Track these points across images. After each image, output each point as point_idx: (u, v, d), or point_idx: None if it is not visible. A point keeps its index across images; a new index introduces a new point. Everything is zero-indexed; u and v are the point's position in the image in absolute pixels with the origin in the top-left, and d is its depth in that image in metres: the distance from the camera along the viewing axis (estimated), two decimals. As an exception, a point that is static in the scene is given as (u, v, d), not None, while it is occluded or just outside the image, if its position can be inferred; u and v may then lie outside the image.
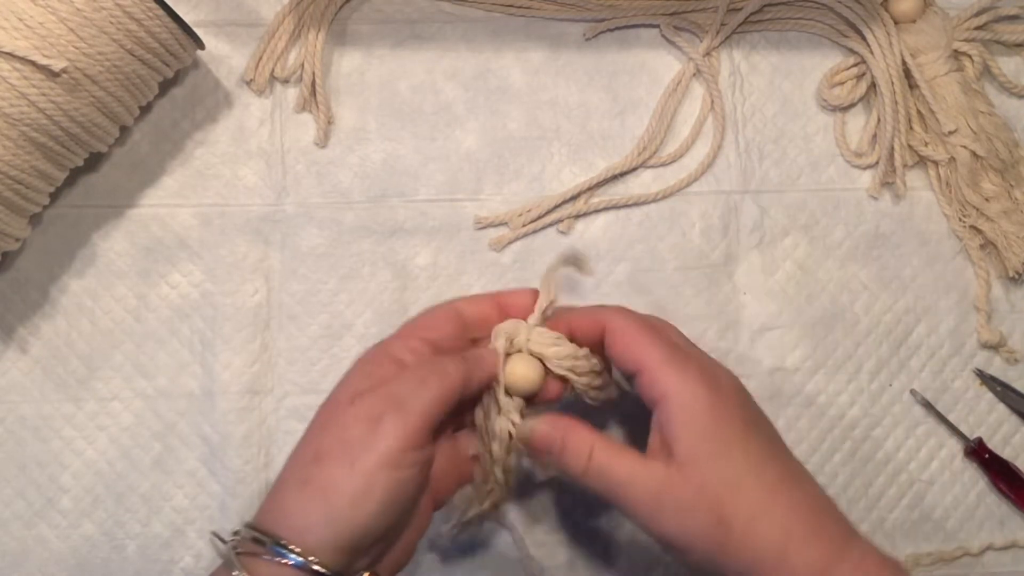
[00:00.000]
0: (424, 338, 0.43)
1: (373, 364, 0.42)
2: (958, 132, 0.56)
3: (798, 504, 0.40)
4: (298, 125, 0.57)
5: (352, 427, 0.39)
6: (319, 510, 0.38)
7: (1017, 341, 0.57)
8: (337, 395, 0.42)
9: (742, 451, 0.40)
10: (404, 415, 0.39)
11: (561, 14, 0.58)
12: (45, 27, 0.45)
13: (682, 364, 0.41)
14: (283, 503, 0.39)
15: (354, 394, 0.41)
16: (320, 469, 0.39)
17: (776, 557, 0.39)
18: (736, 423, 0.41)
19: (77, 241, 0.54)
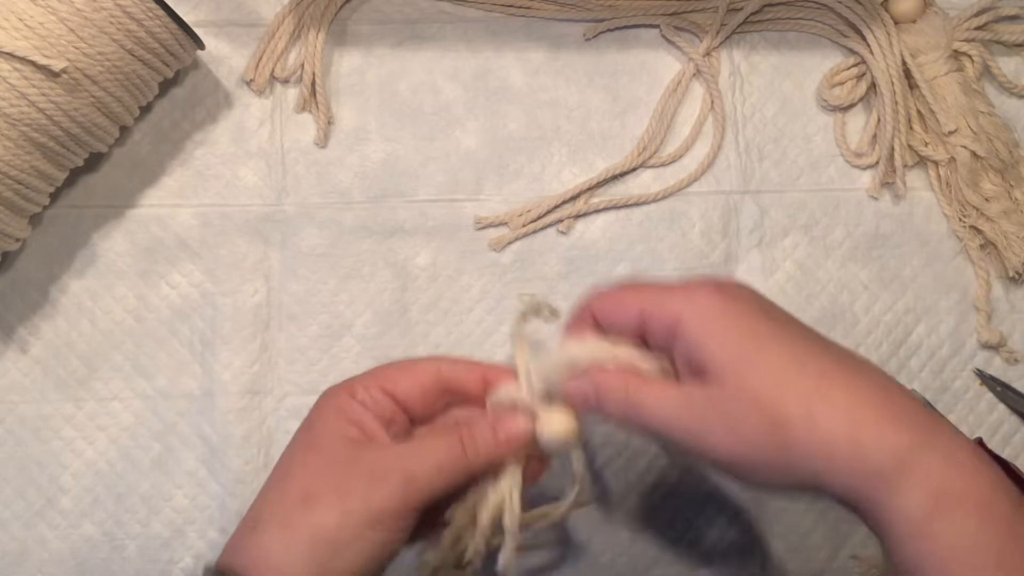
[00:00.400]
0: (390, 392, 0.41)
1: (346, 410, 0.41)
2: (958, 132, 0.56)
3: (860, 387, 0.35)
4: (298, 125, 0.57)
5: (352, 479, 0.38)
6: (302, 556, 0.37)
7: (1017, 341, 0.57)
8: (320, 439, 0.40)
9: (776, 344, 0.36)
10: (409, 486, 0.38)
11: (561, 14, 0.58)
12: (45, 27, 0.45)
13: (684, 287, 0.38)
14: (261, 544, 0.38)
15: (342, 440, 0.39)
16: (309, 513, 0.38)
17: (848, 448, 0.34)
18: (762, 320, 0.37)
19: (77, 241, 0.55)
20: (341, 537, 0.37)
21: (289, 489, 0.39)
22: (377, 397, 0.41)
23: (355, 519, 0.37)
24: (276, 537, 0.38)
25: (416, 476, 0.39)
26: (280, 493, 0.39)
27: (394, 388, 0.41)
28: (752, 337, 0.36)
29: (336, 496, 0.38)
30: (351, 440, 0.39)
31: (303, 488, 0.38)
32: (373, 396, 0.41)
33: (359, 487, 0.38)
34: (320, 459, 0.39)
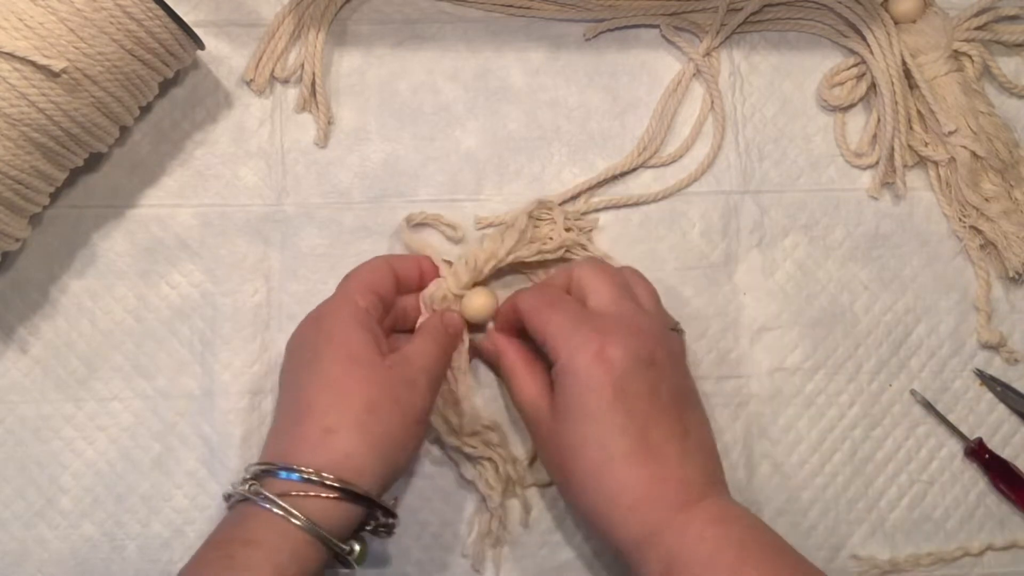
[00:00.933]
0: (377, 293, 0.49)
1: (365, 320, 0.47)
2: (958, 132, 0.56)
3: (634, 478, 0.44)
4: (298, 125, 0.57)
5: (398, 387, 0.46)
6: (378, 455, 0.44)
7: (1017, 341, 0.57)
8: (359, 351, 0.46)
9: (596, 422, 0.45)
10: (433, 381, 0.48)
11: (561, 14, 0.58)
12: (45, 27, 0.45)
13: (570, 335, 0.46)
14: (342, 447, 0.43)
15: (375, 351, 0.46)
16: (377, 419, 0.44)
17: (603, 524, 0.45)
18: (605, 394, 0.45)
19: (77, 241, 0.54)
20: (402, 437, 0.45)
21: (351, 397, 0.45)
22: (374, 301, 0.48)
23: (409, 420, 0.46)
24: (355, 442, 0.44)
25: (433, 372, 0.48)
26: (343, 401, 0.45)
27: (380, 289, 0.49)
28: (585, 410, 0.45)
29: (392, 403, 0.45)
30: (376, 346, 0.46)
31: (365, 397, 0.45)
32: (372, 301, 0.48)
33: (404, 394, 0.46)
34: (368, 370, 0.45)
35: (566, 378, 0.46)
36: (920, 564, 0.54)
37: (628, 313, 0.48)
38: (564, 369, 0.46)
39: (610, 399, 0.45)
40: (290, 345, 0.49)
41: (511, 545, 0.53)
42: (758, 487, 0.54)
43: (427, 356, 0.48)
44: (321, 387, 0.45)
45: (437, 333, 0.50)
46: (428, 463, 0.53)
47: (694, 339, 0.55)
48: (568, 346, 0.46)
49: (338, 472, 0.43)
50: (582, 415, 0.45)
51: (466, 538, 0.53)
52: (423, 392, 0.47)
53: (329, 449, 0.43)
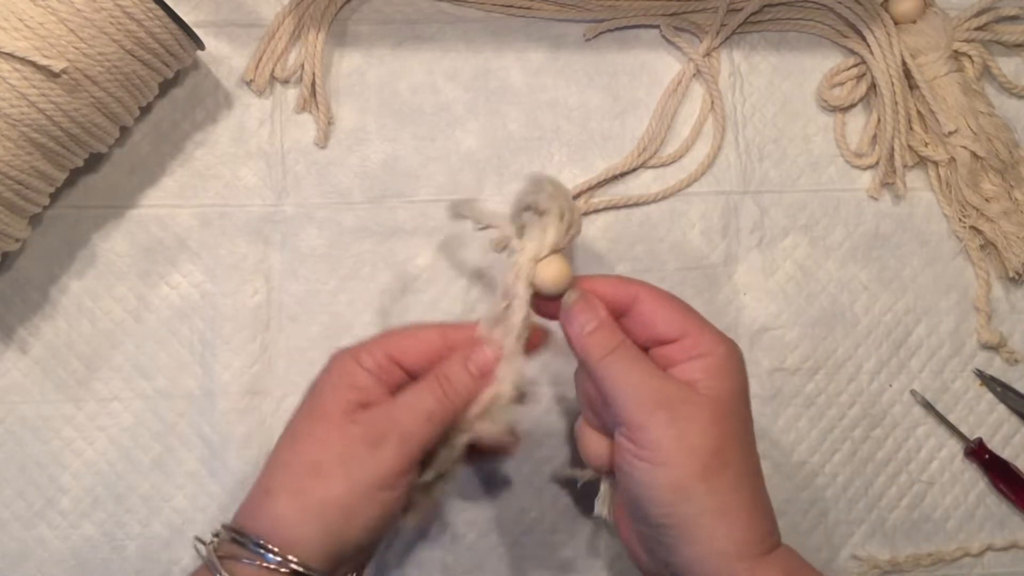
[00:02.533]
0: (396, 360, 0.43)
1: (352, 376, 0.42)
2: (958, 133, 0.56)
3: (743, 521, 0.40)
4: (298, 126, 0.57)
5: (354, 446, 0.40)
6: (314, 522, 0.39)
7: (1017, 342, 0.57)
8: (326, 406, 0.41)
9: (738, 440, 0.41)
10: (405, 443, 0.41)
11: (561, 15, 0.58)
12: (45, 28, 0.45)
13: (717, 333, 0.43)
14: (275, 511, 0.39)
15: (346, 408, 0.41)
16: (319, 482, 0.39)
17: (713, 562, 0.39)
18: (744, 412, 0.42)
19: (77, 242, 0.54)
20: (351, 504, 0.39)
21: (298, 458, 0.40)
22: (383, 364, 0.42)
23: (362, 486, 0.40)
24: (289, 505, 0.39)
25: (410, 431, 0.41)
26: (290, 461, 0.41)
27: (401, 356, 0.43)
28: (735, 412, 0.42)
29: (342, 465, 0.40)
30: (355, 406, 0.41)
31: (311, 457, 0.40)
32: (379, 362, 0.42)
33: (361, 453, 0.40)
34: (325, 427, 0.41)
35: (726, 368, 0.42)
36: (920, 564, 0.54)
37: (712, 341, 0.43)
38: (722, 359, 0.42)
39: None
40: None
41: (509, 544, 0.53)
42: (758, 487, 0.54)
43: (408, 411, 0.41)
44: (280, 443, 0.42)
45: (433, 383, 0.42)
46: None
47: (694, 339, 0.55)
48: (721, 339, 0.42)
49: (275, 540, 0.39)
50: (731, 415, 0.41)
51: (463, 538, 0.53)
52: (389, 453, 0.40)
53: (265, 515, 0.40)
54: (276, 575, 0.38)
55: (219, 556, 0.39)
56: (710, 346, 0.42)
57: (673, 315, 0.43)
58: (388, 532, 0.42)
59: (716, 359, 0.42)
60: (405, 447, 0.41)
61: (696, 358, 0.42)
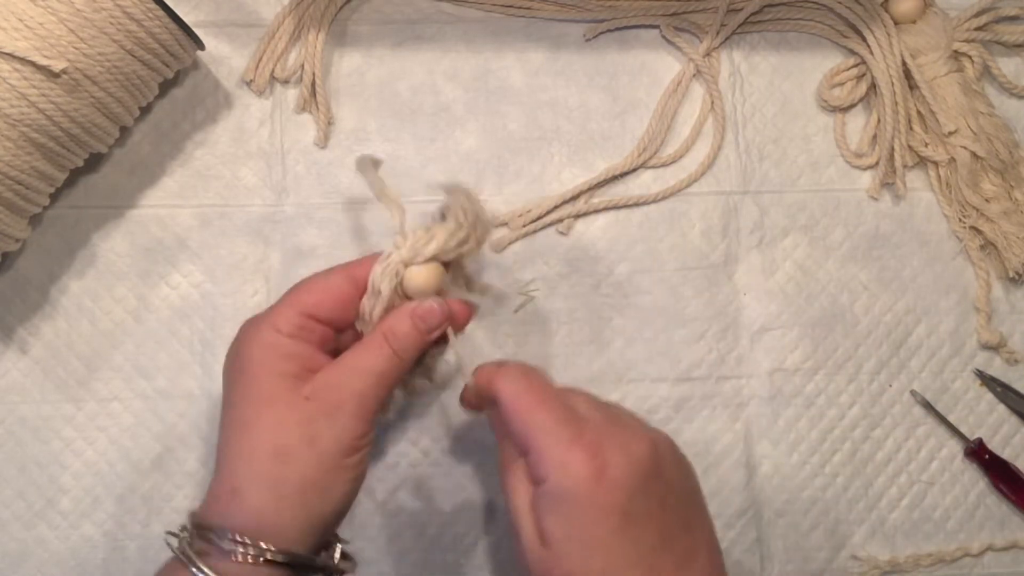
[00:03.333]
0: (312, 315, 0.41)
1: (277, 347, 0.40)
2: (958, 133, 0.56)
3: None
4: (298, 126, 0.57)
5: (313, 422, 0.39)
6: (295, 508, 0.38)
7: (1017, 342, 0.57)
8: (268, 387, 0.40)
9: (601, 555, 0.37)
10: (362, 407, 0.40)
11: (561, 15, 0.58)
12: (45, 28, 0.45)
13: (568, 444, 0.38)
14: (250, 507, 0.38)
15: (288, 384, 0.40)
16: (288, 467, 0.38)
17: None
18: (610, 523, 0.37)
19: (77, 242, 0.54)
20: (325, 479, 0.39)
21: (257, 447, 0.39)
22: (303, 323, 0.41)
23: (330, 458, 0.39)
24: (264, 498, 0.38)
25: (364, 394, 0.40)
26: (249, 452, 0.39)
27: (316, 310, 0.41)
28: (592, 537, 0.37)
29: (307, 444, 0.39)
30: (294, 378, 0.40)
31: (272, 444, 0.39)
32: (298, 324, 0.41)
33: (323, 430, 0.39)
34: (277, 410, 0.39)
35: (562, 504, 0.37)
36: (920, 564, 0.54)
37: (616, 414, 0.40)
38: (558, 492, 0.37)
39: (616, 528, 0.37)
40: (222, 373, 0.43)
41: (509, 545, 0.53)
42: (758, 487, 0.54)
43: (364, 374, 0.40)
44: (230, 435, 0.40)
45: (380, 342, 0.41)
46: (426, 464, 0.53)
47: (694, 340, 0.55)
48: (560, 461, 0.37)
49: (254, 535, 0.37)
50: (582, 546, 0.37)
51: (464, 537, 0.53)
52: (349, 420, 0.39)
53: (239, 511, 0.38)
54: (257, 566, 0.37)
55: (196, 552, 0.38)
56: (549, 470, 0.38)
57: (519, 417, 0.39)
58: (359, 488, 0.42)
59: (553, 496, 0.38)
60: (362, 410, 0.40)
61: (538, 484, 0.38)
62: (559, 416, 0.39)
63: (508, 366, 0.41)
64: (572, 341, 0.55)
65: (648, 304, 0.56)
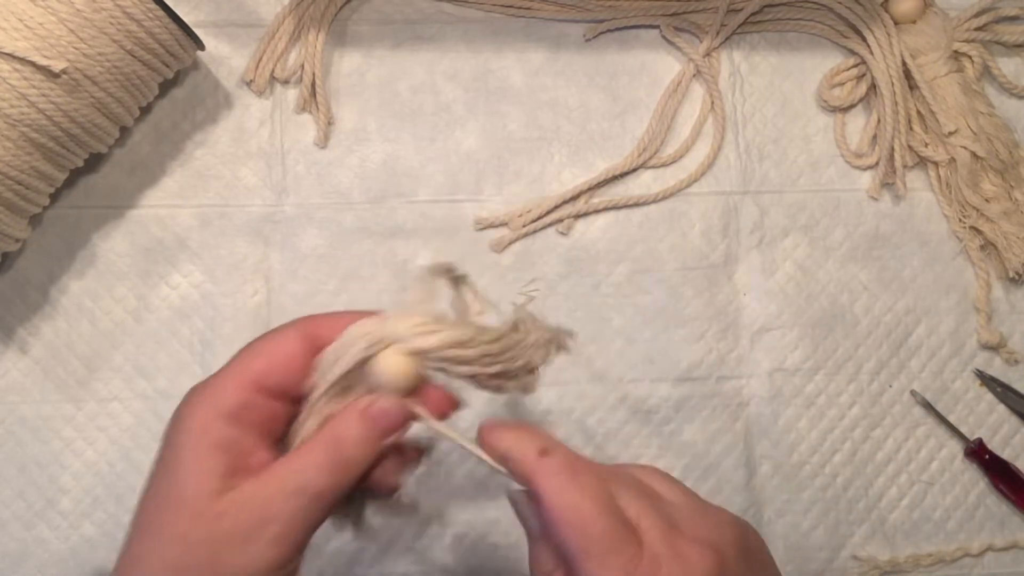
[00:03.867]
0: (262, 386, 0.34)
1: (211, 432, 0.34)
2: (958, 133, 0.56)
3: None
4: (298, 126, 0.57)
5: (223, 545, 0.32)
6: None
7: (1017, 342, 0.57)
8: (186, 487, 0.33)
9: None
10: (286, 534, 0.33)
11: (561, 15, 0.58)
12: (45, 28, 0.45)
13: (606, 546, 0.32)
14: None
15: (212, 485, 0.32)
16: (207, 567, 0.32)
17: None
18: None
19: (77, 242, 0.54)
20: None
21: (155, 560, 0.32)
22: (247, 399, 0.34)
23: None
24: None
25: (293, 517, 0.33)
26: (147, 563, 0.32)
27: (265, 379, 0.34)
28: None
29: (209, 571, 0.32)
30: (220, 477, 0.33)
31: (172, 561, 0.32)
32: (241, 400, 0.34)
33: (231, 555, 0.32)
34: (186, 521, 0.32)
35: None
36: (920, 564, 0.54)
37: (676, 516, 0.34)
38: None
39: None
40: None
41: (509, 546, 0.53)
42: (758, 487, 0.54)
43: (289, 494, 0.33)
44: (132, 535, 0.33)
45: (320, 449, 0.34)
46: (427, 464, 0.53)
47: (694, 340, 0.55)
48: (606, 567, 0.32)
49: None
50: None
51: (463, 539, 0.53)
52: (267, 549, 0.32)
53: None
54: None
55: None
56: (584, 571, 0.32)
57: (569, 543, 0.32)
58: None
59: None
60: (286, 538, 0.32)
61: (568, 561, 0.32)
62: (615, 536, 0.32)
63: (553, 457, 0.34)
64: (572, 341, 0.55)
65: (648, 304, 0.56)
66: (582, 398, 0.54)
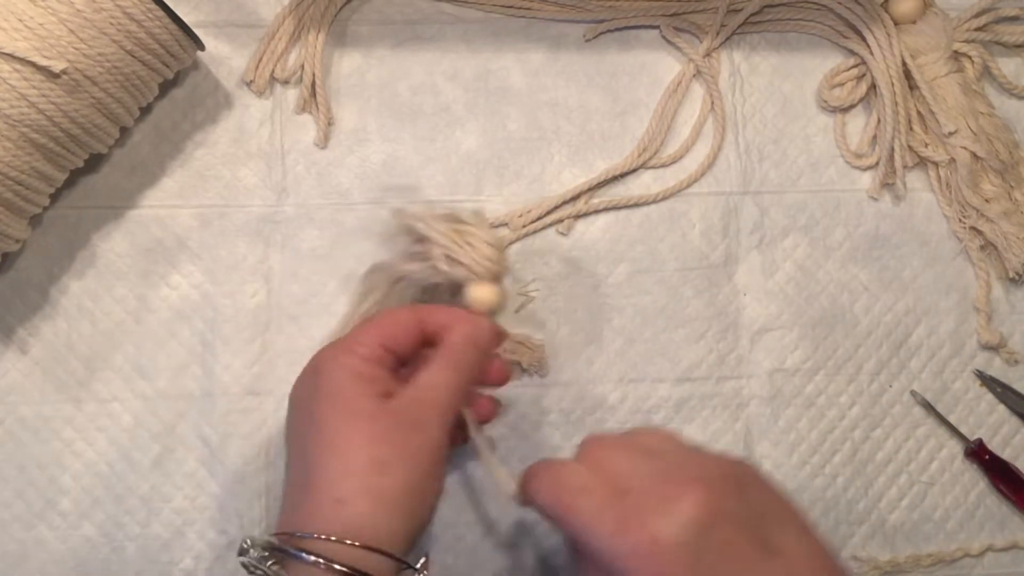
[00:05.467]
0: (385, 346, 0.44)
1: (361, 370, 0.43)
2: (958, 133, 0.56)
3: None
4: (298, 126, 0.57)
5: (407, 435, 0.42)
6: (398, 515, 0.40)
7: (1017, 342, 0.57)
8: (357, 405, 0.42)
9: None
10: (444, 419, 0.43)
11: (561, 15, 0.58)
12: (45, 28, 0.45)
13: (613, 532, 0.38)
14: (356, 515, 0.40)
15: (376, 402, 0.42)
16: (391, 478, 0.40)
17: None
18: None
19: (77, 242, 0.54)
20: (421, 487, 0.42)
21: (355, 460, 0.41)
22: (379, 353, 0.44)
23: (424, 467, 0.42)
24: (368, 507, 0.40)
25: (443, 406, 0.43)
26: (351, 466, 0.41)
27: (391, 343, 0.45)
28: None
29: (406, 457, 0.41)
30: (380, 397, 0.42)
31: (369, 456, 0.41)
32: (376, 353, 0.44)
33: (417, 440, 0.42)
34: (371, 425, 0.41)
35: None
36: (920, 565, 0.54)
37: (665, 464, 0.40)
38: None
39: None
40: (291, 398, 0.46)
41: (509, 546, 0.53)
42: (758, 488, 0.54)
43: (439, 388, 0.44)
44: (323, 450, 0.41)
45: (455, 356, 0.45)
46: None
47: (694, 340, 0.55)
48: (616, 554, 0.37)
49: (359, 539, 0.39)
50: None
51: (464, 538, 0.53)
52: (435, 431, 0.42)
53: (343, 522, 0.40)
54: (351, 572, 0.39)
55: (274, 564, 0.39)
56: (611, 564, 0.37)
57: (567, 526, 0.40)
58: None
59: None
60: (443, 421, 0.43)
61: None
62: (598, 503, 0.39)
63: (532, 467, 0.43)
64: (572, 341, 0.55)
65: (648, 304, 0.56)
66: (582, 398, 0.55)
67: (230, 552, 0.52)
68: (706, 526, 0.37)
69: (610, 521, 0.38)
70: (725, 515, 0.37)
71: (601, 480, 0.39)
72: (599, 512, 0.38)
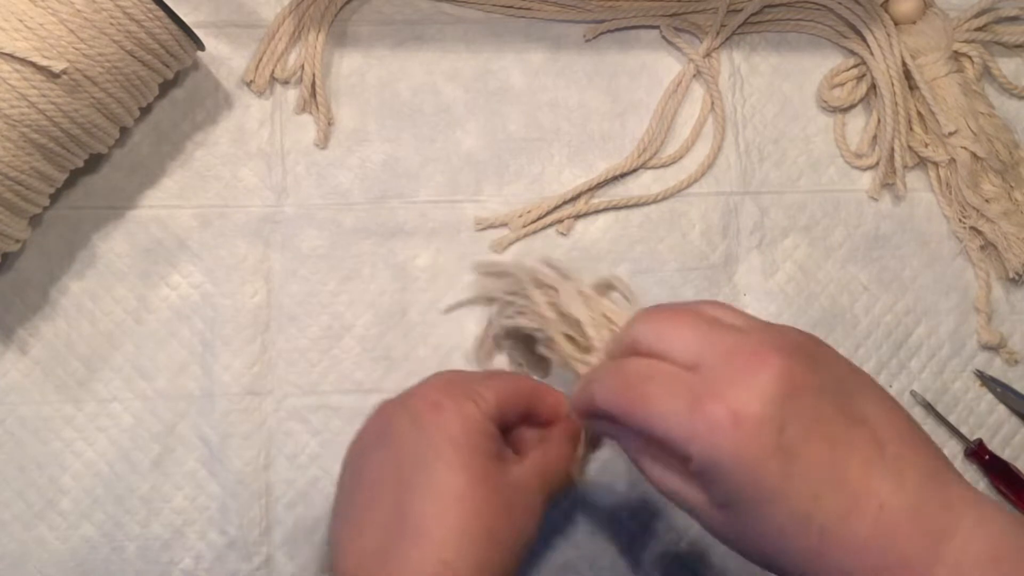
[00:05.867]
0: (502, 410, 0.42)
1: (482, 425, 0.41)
2: (958, 133, 0.56)
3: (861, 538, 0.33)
4: (298, 126, 0.57)
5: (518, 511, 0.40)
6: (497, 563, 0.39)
7: (1017, 342, 0.57)
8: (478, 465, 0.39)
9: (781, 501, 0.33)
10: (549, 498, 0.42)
11: (561, 15, 0.58)
12: (45, 28, 0.45)
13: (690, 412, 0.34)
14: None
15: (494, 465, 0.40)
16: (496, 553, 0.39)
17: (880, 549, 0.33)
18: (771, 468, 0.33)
19: (77, 242, 0.54)
20: (514, 567, 0.40)
21: (471, 525, 0.38)
22: (495, 412, 0.41)
23: (523, 548, 0.40)
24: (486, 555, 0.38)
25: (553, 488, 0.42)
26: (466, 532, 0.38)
27: (506, 406, 0.42)
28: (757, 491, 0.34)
29: (515, 535, 0.40)
30: (495, 459, 0.40)
31: (485, 526, 0.39)
32: (495, 409, 0.41)
33: (522, 520, 0.40)
34: (486, 491, 0.39)
35: (718, 471, 0.34)
36: (920, 565, 0.54)
37: (734, 340, 0.36)
38: (708, 464, 0.34)
39: (781, 471, 0.33)
40: (373, 431, 0.43)
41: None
42: (758, 488, 0.54)
43: (551, 471, 0.42)
44: (433, 505, 0.39)
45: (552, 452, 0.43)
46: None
47: (694, 340, 0.55)
48: (692, 433, 0.34)
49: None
50: (758, 503, 0.34)
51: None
52: (538, 512, 0.41)
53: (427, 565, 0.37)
54: None
55: None
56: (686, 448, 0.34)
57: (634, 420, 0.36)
58: None
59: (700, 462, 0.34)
60: (547, 503, 0.42)
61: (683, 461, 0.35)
62: (667, 382, 0.35)
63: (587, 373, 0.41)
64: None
65: (648, 304, 0.55)
66: (582, 398, 0.54)
67: (230, 552, 0.52)
68: (789, 397, 0.34)
69: (683, 398, 0.34)
70: (807, 385, 0.34)
71: (666, 360, 0.36)
72: (669, 392, 0.35)
